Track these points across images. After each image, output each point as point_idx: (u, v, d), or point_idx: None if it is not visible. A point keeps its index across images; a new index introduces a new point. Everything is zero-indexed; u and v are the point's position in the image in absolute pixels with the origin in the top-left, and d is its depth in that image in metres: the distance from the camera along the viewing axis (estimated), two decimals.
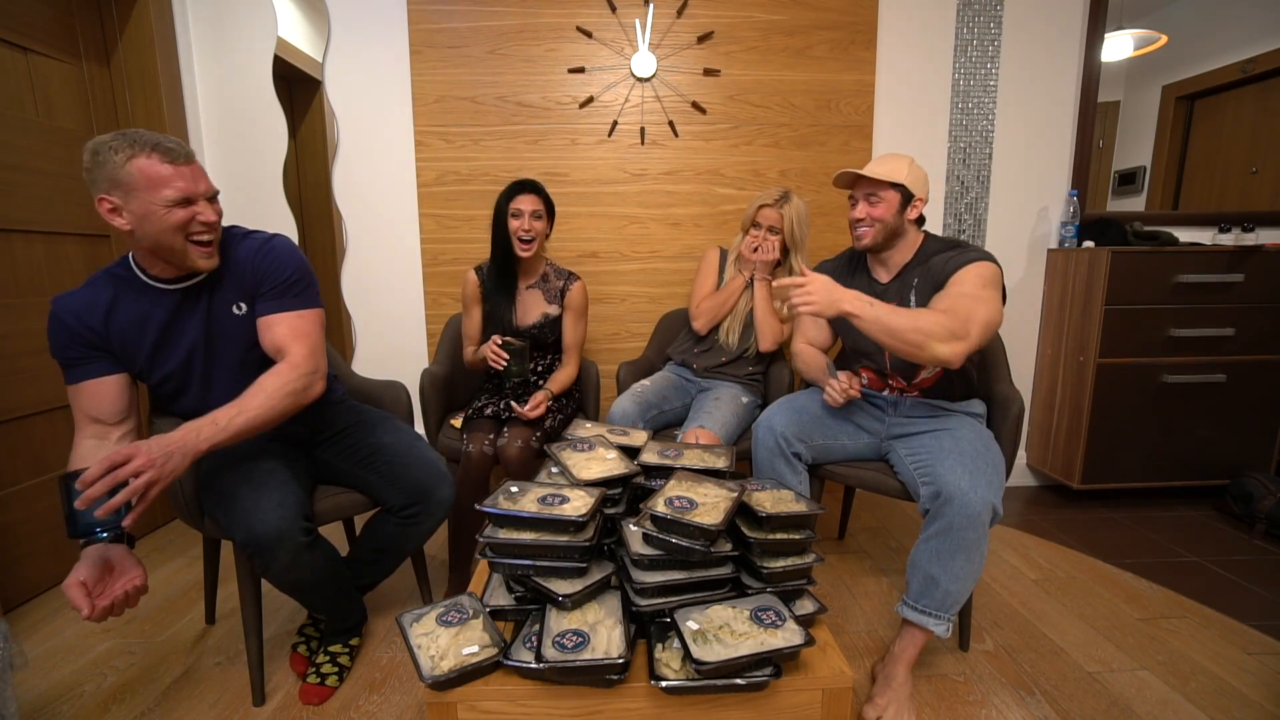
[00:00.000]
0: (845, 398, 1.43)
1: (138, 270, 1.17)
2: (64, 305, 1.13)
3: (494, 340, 1.63)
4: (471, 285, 1.80)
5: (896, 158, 1.42)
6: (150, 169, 1.04)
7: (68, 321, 1.12)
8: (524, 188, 1.71)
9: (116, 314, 1.15)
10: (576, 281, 1.83)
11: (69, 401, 1.14)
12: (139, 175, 1.04)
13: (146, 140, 1.05)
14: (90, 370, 1.13)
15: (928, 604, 1.24)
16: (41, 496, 1.72)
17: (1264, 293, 2.15)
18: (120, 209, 1.06)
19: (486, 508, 1.03)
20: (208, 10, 2.12)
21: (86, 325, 1.13)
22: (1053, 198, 2.38)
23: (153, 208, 1.06)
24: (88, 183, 1.07)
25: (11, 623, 1.58)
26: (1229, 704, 1.29)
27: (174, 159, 1.07)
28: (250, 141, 2.19)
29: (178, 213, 1.07)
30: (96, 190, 1.06)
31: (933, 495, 1.25)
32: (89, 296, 1.15)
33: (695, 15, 2.16)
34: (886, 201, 1.41)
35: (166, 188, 1.06)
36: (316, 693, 1.30)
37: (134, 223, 1.07)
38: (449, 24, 2.13)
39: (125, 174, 1.03)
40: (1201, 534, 2.08)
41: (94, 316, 1.13)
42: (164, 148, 1.06)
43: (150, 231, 1.08)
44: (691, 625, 0.93)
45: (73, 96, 1.84)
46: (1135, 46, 2.40)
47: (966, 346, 1.22)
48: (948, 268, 1.35)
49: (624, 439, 1.34)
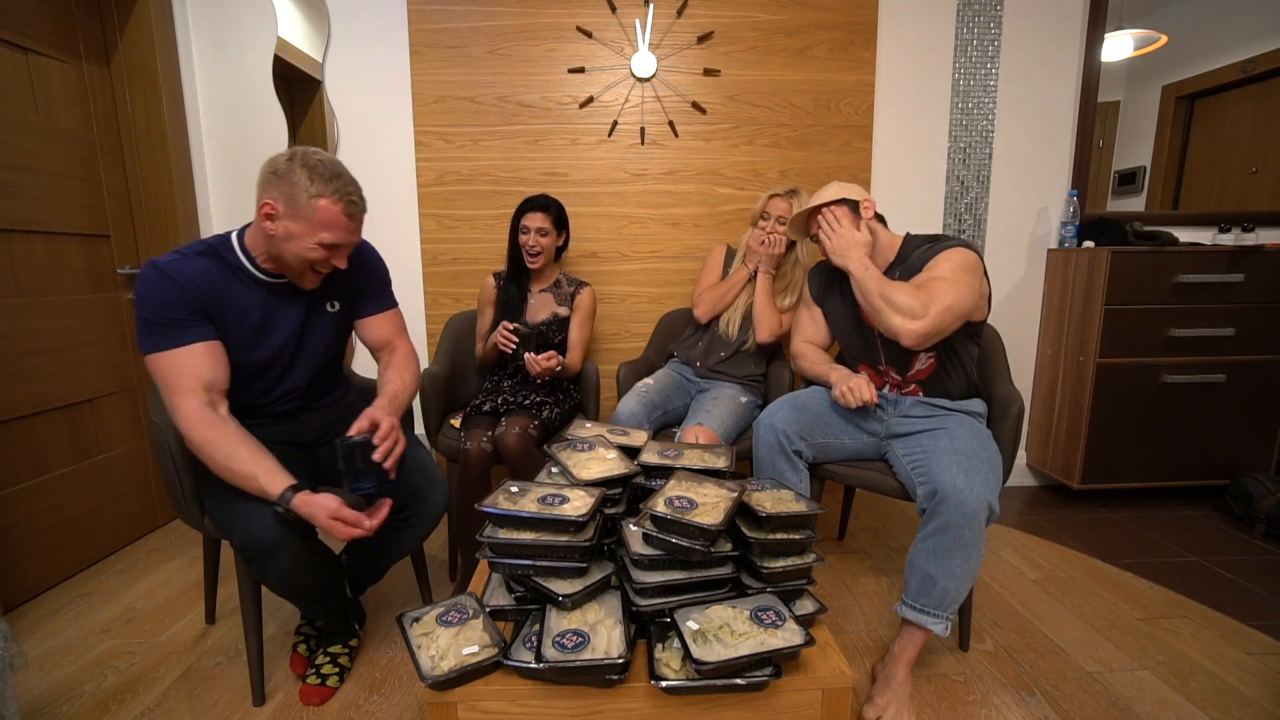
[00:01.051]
0: (859, 403, 1.44)
1: (243, 256, 1.18)
2: (175, 268, 1.10)
3: (504, 325, 1.69)
4: (489, 289, 1.91)
5: (823, 188, 1.55)
6: (329, 213, 1.10)
7: (181, 283, 1.10)
8: (533, 205, 1.82)
9: (224, 292, 1.15)
10: (586, 287, 1.93)
11: (159, 367, 1.08)
12: (316, 212, 1.09)
13: (341, 189, 1.11)
14: (199, 333, 1.11)
15: (926, 603, 1.24)
16: (42, 496, 1.72)
17: (1264, 293, 2.15)
18: (277, 218, 1.10)
19: (486, 508, 1.03)
20: (208, 10, 2.12)
21: (201, 290, 1.12)
22: (1053, 198, 2.38)
23: (304, 238, 1.11)
24: (261, 181, 1.10)
25: (11, 623, 1.58)
26: (1229, 704, 1.29)
27: (351, 214, 1.13)
28: (250, 141, 2.19)
29: (320, 252, 1.13)
30: (267, 193, 1.10)
31: (929, 494, 1.25)
32: (202, 266, 1.13)
33: (695, 15, 2.16)
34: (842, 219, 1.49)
35: (327, 232, 1.11)
36: (317, 693, 1.30)
37: (280, 234, 1.11)
38: (449, 24, 2.13)
39: (306, 204, 1.08)
40: (1201, 534, 2.08)
41: (209, 285, 1.13)
42: (351, 201, 1.12)
43: (286, 248, 1.12)
44: (691, 625, 0.93)
45: (73, 96, 1.84)
46: (1135, 46, 2.40)
47: (922, 326, 1.29)
48: (925, 257, 1.40)
49: (624, 439, 1.34)
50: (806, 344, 1.67)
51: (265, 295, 1.20)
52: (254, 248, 1.18)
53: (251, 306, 1.18)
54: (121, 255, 2.01)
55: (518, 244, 1.84)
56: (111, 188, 1.97)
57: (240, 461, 1.08)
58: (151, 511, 2.12)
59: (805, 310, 1.71)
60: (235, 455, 1.08)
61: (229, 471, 1.08)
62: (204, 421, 1.08)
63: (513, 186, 2.22)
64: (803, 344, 1.68)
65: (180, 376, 1.08)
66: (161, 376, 1.09)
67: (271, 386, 1.26)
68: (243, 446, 1.09)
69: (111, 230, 1.97)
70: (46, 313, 1.74)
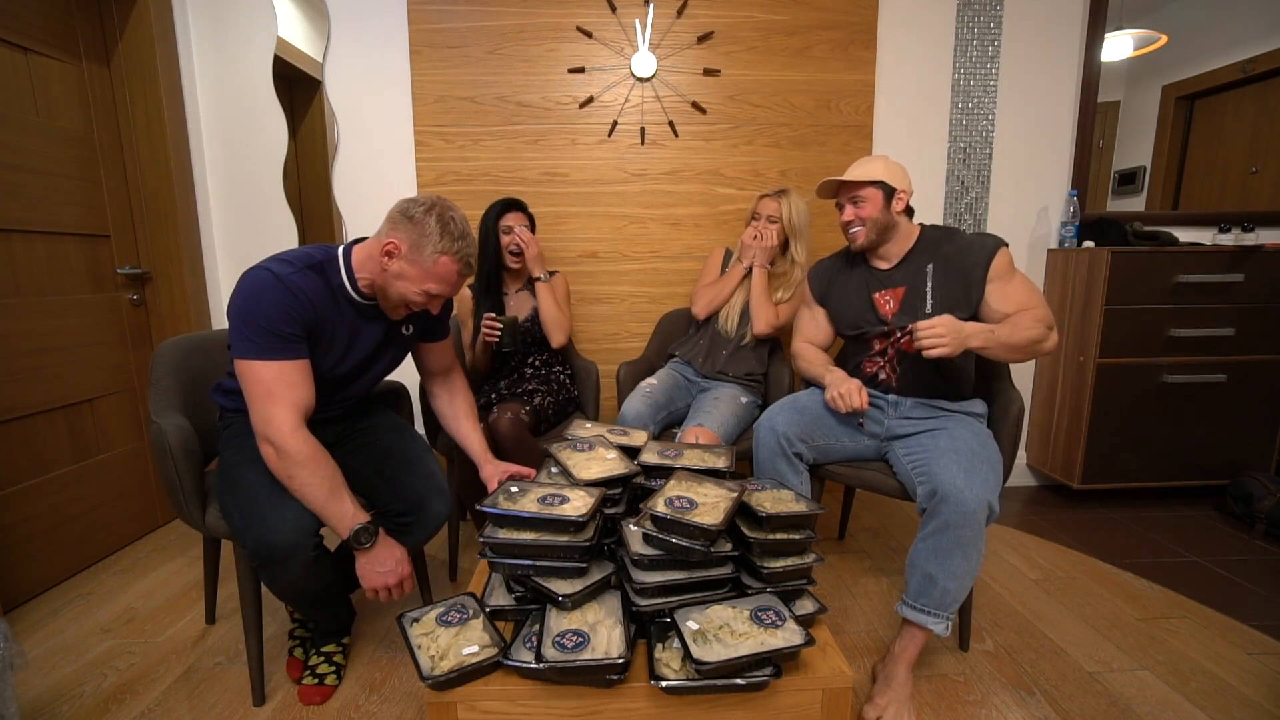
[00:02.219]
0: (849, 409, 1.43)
1: (345, 278, 1.20)
2: (295, 282, 1.12)
3: (487, 317, 1.74)
4: (466, 301, 1.93)
5: (871, 159, 1.50)
6: (444, 269, 1.16)
7: (299, 297, 1.12)
8: (510, 206, 1.87)
9: (325, 310, 1.18)
10: (557, 274, 1.97)
11: (264, 375, 1.09)
12: (434, 264, 1.15)
13: (464, 251, 1.17)
14: (303, 350, 1.14)
15: (926, 603, 1.24)
16: (42, 496, 1.73)
17: (1264, 293, 2.15)
18: (397, 257, 1.15)
19: (486, 508, 1.03)
20: (208, 10, 2.12)
21: (312, 306, 1.14)
22: (1053, 198, 2.38)
23: (415, 282, 1.17)
24: (392, 219, 1.16)
25: (11, 623, 1.58)
26: (1229, 704, 1.29)
27: (464, 275, 1.20)
28: (250, 141, 2.19)
29: (423, 298, 1.19)
30: (395, 233, 1.15)
31: (929, 494, 1.25)
32: (312, 282, 1.16)
33: (695, 15, 2.16)
34: (870, 200, 1.47)
35: (437, 284, 1.18)
36: (317, 692, 1.30)
37: (395, 272, 1.16)
38: (449, 24, 2.13)
39: (428, 255, 1.14)
40: (1201, 534, 2.08)
41: (319, 301, 1.16)
42: (468, 264, 1.19)
43: (394, 285, 1.18)
44: (691, 625, 0.93)
45: (73, 96, 1.84)
46: (1135, 46, 2.40)
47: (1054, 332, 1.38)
48: (971, 260, 1.41)
49: (624, 439, 1.34)
50: (806, 344, 1.68)
51: (356, 317, 1.24)
52: (359, 270, 1.21)
53: (343, 325, 1.22)
54: (121, 255, 2.01)
55: (494, 247, 1.86)
56: (111, 188, 1.97)
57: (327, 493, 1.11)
58: (151, 511, 2.12)
59: (806, 310, 1.72)
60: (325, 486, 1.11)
61: (312, 495, 1.11)
62: (305, 439, 1.10)
63: (513, 186, 2.22)
64: (802, 344, 1.68)
65: (284, 389, 1.10)
66: (264, 385, 1.09)
67: (331, 395, 1.28)
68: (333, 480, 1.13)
69: (111, 230, 1.97)
70: (46, 313, 1.74)
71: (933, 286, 1.44)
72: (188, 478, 1.22)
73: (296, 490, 1.11)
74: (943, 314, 1.33)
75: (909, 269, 1.49)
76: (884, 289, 1.51)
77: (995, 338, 1.32)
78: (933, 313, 1.41)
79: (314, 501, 1.11)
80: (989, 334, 1.32)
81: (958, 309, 1.40)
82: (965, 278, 1.41)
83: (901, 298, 1.48)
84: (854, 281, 1.58)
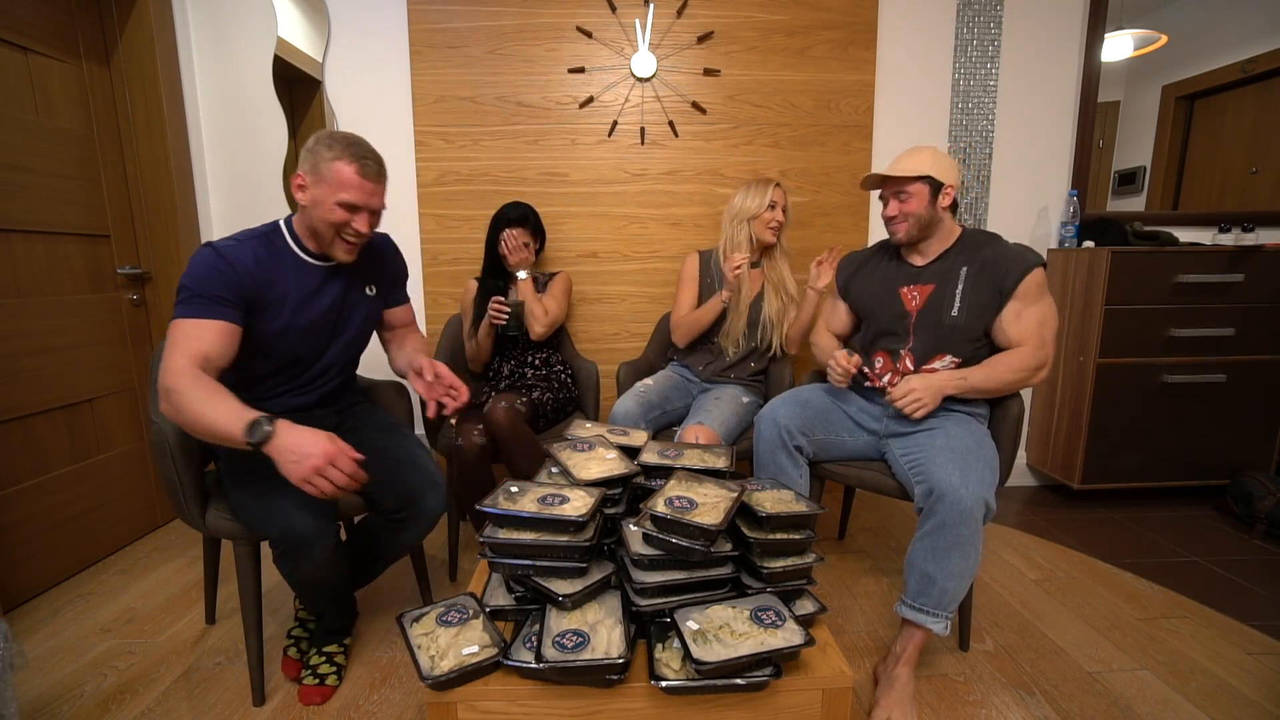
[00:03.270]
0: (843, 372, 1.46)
1: (290, 240, 1.28)
2: (231, 252, 1.19)
3: (495, 300, 1.77)
4: (471, 292, 1.93)
5: (919, 150, 1.43)
6: (343, 173, 1.20)
7: (235, 266, 1.18)
8: (512, 220, 1.87)
9: (273, 274, 1.24)
10: (560, 273, 2.02)
11: (175, 331, 1.11)
12: (332, 173, 1.19)
13: (355, 150, 1.21)
14: (227, 314, 1.16)
15: (925, 602, 1.25)
16: (42, 496, 1.72)
17: (1264, 293, 2.15)
18: (305, 187, 1.22)
19: (486, 508, 1.03)
20: (208, 10, 2.12)
21: (250, 276, 1.20)
22: (1053, 198, 2.38)
23: (326, 200, 1.21)
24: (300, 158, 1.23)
25: (11, 623, 1.58)
26: (1229, 704, 1.29)
27: (364, 175, 1.22)
28: (250, 141, 2.19)
29: (340, 212, 1.22)
30: (301, 169, 1.22)
31: (926, 493, 1.25)
32: (255, 251, 1.22)
33: (695, 15, 2.16)
34: (916, 195, 1.42)
35: (345, 192, 1.20)
36: (318, 692, 1.30)
37: (308, 202, 1.22)
38: (449, 24, 2.13)
39: (325, 168, 1.19)
40: (1201, 534, 2.08)
41: (258, 271, 1.21)
42: (365, 162, 1.22)
43: (315, 215, 1.23)
44: (691, 625, 0.93)
45: (73, 96, 1.84)
46: (1135, 46, 2.40)
47: (1051, 362, 1.39)
48: (1005, 270, 1.38)
49: (624, 439, 1.34)
50: (823, 332, 1.73)
51: (309, 275, 1.29)
52: (298, 228, 1.29)
53: (296, 284, 1.27)
54: (121, 255, 2.01)
55: (495, 250, 1.89)
56: (111, 188, 1.97)
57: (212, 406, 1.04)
58: (151, 511, 2.12)
59: (829, 300, 1.76)
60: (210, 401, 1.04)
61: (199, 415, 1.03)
62: (185, 374, 1.06)
63: (513, 186, 2.22)
64: (820, 330, 1.74)
65: (187, 340, 1.11)
66: (171, 338, 1.11)
67: (315, 359, 1.34)
68: (218, 394, 1.06)
69: (111, 230, 1.97)
70: (46, 313, 1.74)
71: (963, 290, 1.42)
72: (188, 478, 1.22)
73: (190, 423, 1.04)
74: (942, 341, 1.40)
75: (942, 268, 1.46)
76: (913, 284, 1.49)
77: (968, 384, 1.38)
78: (958, 315, 1.41)
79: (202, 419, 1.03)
80: (961, 381, 1.38)
81: (983, 316, 1.40)
82: (997, 287, 1.38)
83: (929, 295, 1.46)
84: (881, 273, 1.57)
